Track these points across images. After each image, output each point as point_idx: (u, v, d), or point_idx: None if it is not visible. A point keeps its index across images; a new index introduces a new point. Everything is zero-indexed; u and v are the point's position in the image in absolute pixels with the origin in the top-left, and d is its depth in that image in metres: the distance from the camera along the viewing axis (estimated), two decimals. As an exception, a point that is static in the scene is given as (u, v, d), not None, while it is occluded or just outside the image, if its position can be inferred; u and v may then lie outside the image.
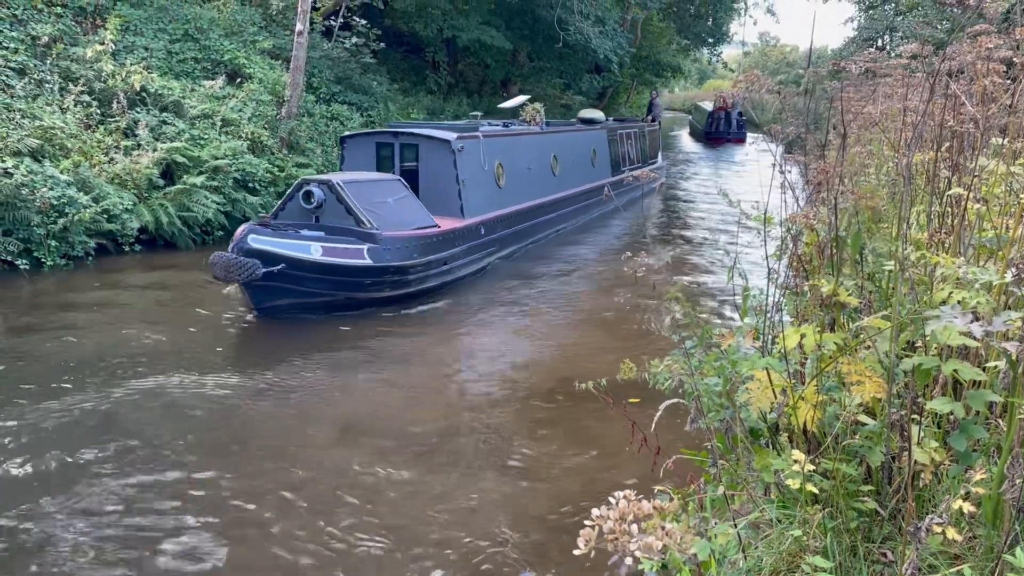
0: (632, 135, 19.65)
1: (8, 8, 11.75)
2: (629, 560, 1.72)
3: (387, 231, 8.71)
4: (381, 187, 9.33)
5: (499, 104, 16.80)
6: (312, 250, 8.19)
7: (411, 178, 10.46)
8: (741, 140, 35.64)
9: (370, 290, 8.66)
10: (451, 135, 10.60)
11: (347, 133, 11.71)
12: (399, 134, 10.86)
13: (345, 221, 8.66)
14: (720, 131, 36.41)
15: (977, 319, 2.19)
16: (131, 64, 12.81)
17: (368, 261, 8.44)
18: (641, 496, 1.81)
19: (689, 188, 21.82)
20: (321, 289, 8.39)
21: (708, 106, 40.88)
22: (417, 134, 10.71)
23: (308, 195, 8.64)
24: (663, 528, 1.75)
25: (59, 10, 12.80)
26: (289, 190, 9.03)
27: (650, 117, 24.31)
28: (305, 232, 8.43)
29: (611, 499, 1.82)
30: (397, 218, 9.07)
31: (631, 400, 6.11)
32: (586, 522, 1.76)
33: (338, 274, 8.35)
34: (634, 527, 1.68)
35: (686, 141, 40.99)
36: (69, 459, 5.19)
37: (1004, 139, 3.82)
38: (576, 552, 1.73)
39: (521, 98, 15.48)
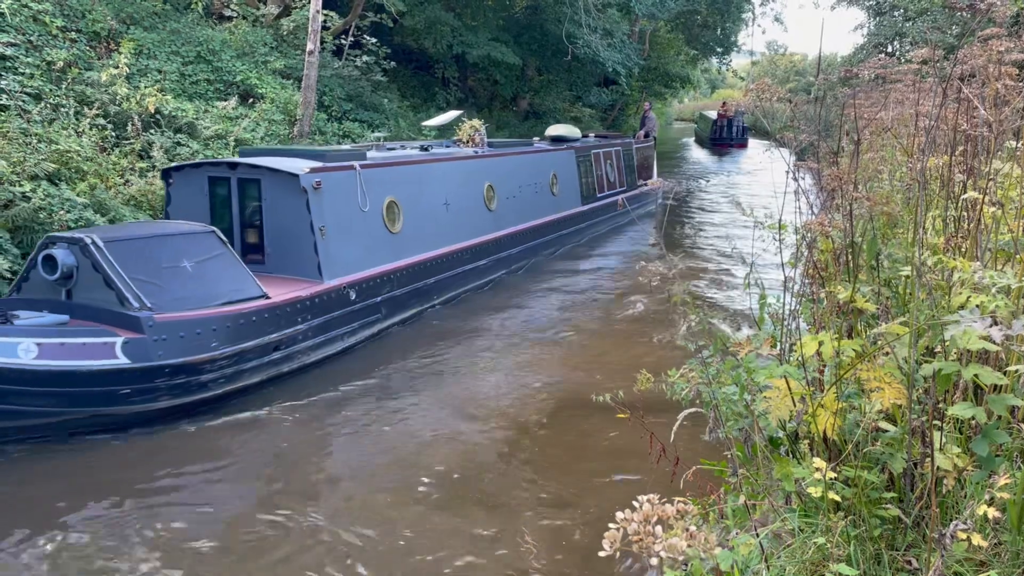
0: (614, 154, 17.20)
1: (23, 34, 11.92)
2: (655, 561, 1.72)
3: (165, 312, 6.32)
4: (172, 245, 6.77)
5: (426, 121, 14.73)
6: (20, 351, 5.72)
7: (255, 226, 8.19)
8: (743, 145, 38.08)
9: (132, 402, 6.17)
10: (302, 167, 8.02)
11: (172, 164, 9.15)
12: (236, 166, 8.31)
13: (103, 298, 6.29)
14: (723, 137, 38.92)
15: (996, 323, 2.18)
16: (145, 87, 12.95)
17: (122, 361, 6.04)
18: (664, 499, 1.81)
19: (701, 197, 21.77)
20: (44, 406, 5.91)
21: (712, 115, 42.93)
22: (258, 166, 8.11)
23: (50, 261, 6.31)
24: (688, 530, 1.75)
25: (73, 35, 12.98)
26: (34, 251, 6.62)
27: (642, 132, 21.28)
28: (25, 320, 6.07)
29: (635, 502, 1.82)
30: (193, 290, 6.68)
31: (620, 415, 6.12)
32: (611, 524, 1.76)
33: (67, 384, 5.90)
34: (658, 528, 1.68)
35: (694, 149, 41.87)
36: None
37: (1018, 142, 3.81)
38: (601, 554, 1.73)
39: (452, 113, 13.72)
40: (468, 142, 12.13)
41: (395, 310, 8.97)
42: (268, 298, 7.12)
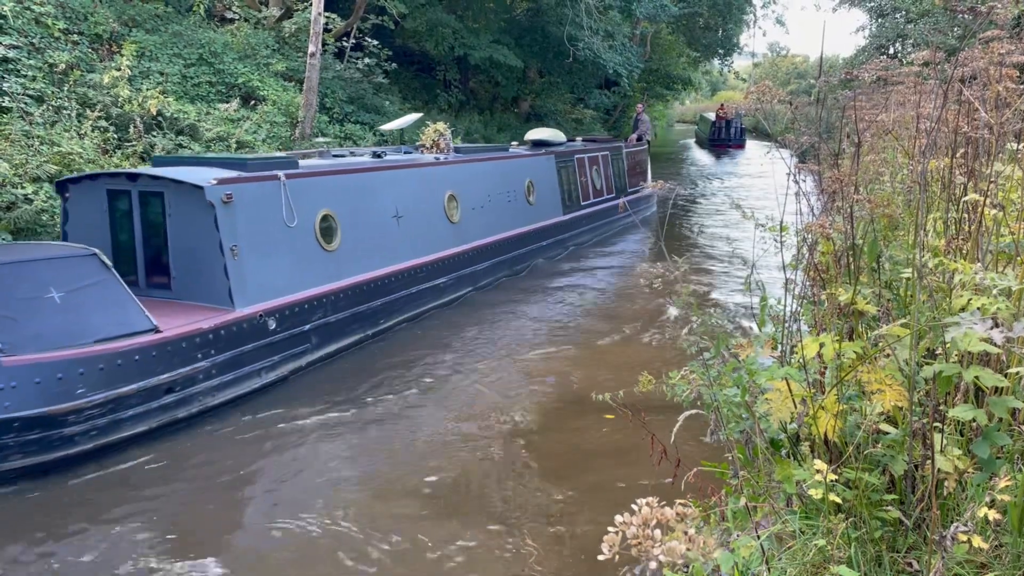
0: (601, 160, 16.05)
1: (26, 37, 11.95)
2: (653, 564, 1.72)
3: (17, 353, 5.38)
4: (34, 273, 5.76)
5: (381, 126, 13.49)
6: None
7: (160, 246, 7.19)
8: (740, 146, 39.76)
9: None
10: (209, 178, 7.00)
11: (69, 176, 8.12)
12: (137, 177, 7.24)
13: None
14: (722, 138, 40.52)
15: (997, 325, 2.18)
16: (147, 89, 12.98)
17: None
18: (664, 503, 1.81)
19: (700, 198, 21.76)
20: None
21: (712, 116, 44.55)
22: (160, 177, 7.09)
23: None
24: (686, 534, 1.75)
25: (75, 38, 13.00)
26: None
27: (635, 135, 20.12)
28: None
29: (634, 506, 1.82)
30: (60, 325, 5.71)
31: (607, 416, 6.11)
32: (609, 528, 1.76)
33: None
34: (657, 532, 1.69)
35: (695, 150, 42.62)
36: None
37: (1019, 144, 3.81)
38: (600, 557, 1.73)
39: (411, 116, 12.50)
40: (432, 147, 11.14)
41: (330, 338, 7.90)
42: (158, 332, 6.10)
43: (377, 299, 8.61)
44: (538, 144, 14.47)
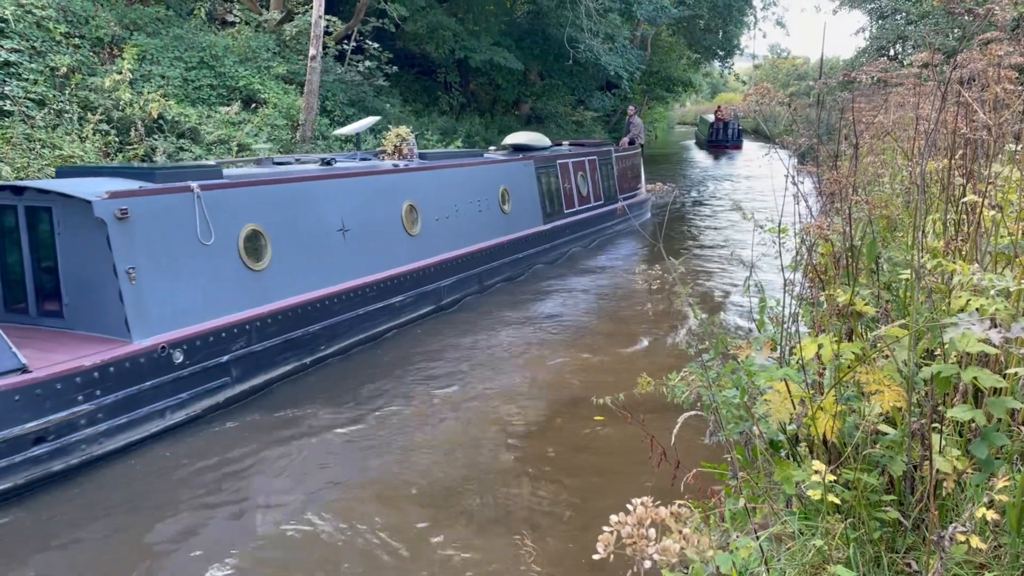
0: (588, 164, 15.14)
1: (27, 41, 11.97)
2: (648, 564, 1.73)
3: None
4: None
5: (337, 130, 12.48)
6: None
7: (49, 269, 6.36)
8: (738, 147, 41.22)
9: None
10: (101, 191, 6.11)
11: None
12: (23, 190, 6.40)
13: None
14: (719, 139, 41.96)
15: (995, 326, 2.19)
16: (148, 92, 13.00)
17: None
18: (658, 503, 1.82)
19: (700, 200, 21.76)
20: None
21: (711, 118, 45.83)
22: (48, 190, 6.25)
23: None
24: (681, 533, 1.76)
25: (77, 41, 13.03)
26: None
27: (626, 139, 19.15)
28: None
29: (628, 505, 1.83)
30: None
31: (597, 417, 6.10)
32: (605, 527, 1.77)
33: None
34: (651, 531, 1.69)
35: (694, 151, 43.58)
36: None
37: (1018, 145, 3.81)
38: (596, 556, 1.74)
39: (367, 120, 11.52)
40: (394, 153, 10.30)
41: (256, 370, 6.95)
42: (27, 372, 5.21)
43: (316, 323, 7.66)
44: (519, 149, 13.66)
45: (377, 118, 11.99)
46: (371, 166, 9.34)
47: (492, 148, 14.48)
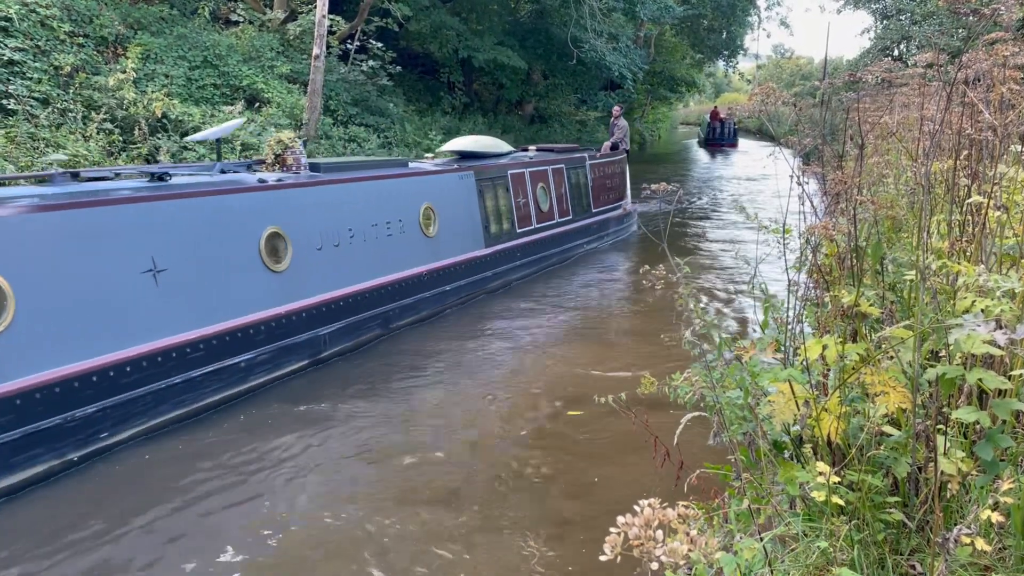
0: (553, 174, 12.86)
1: (31, 40, 11.99)
2: (655, 565, 1.72)
3: None
4: None
5: (191, 136, 10.26)
6: None
7: None
8: (734, 145, 43.89)
9: None
10: None
11: None
12: None
13: None
14: (716, 138, 44.51)
15: (1001, 327, 2.18)
16: (152, 91, 13.03)
17: None
18: (666, 504, 1.81)
19: (705, 201, 21.74)
20: None
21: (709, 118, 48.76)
22: None
23: None
24: (688, 535, 1.75)
25: (81, 40, 13.05)
26: None
27: (608, 143, 16.64)
28: None
29: (636, 507, 1.82)
30: None
31: (571, 412, 6.07)
32: (611, 529, 1.77)
33: None
34: (659, 533, 1.69)
35: (694, 150, 45.03)
36: None
37: (1023, 146, 3.80)
38: (602, 558, 1.73)
39: (232, 123, 9.40)
40: (277, 164, 8.42)
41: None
42: None
43: (90, 404, 5.69)
44: (466, 156, 11.67)
45: (241, 120, 9.84)
46: (224, 183, 7.23)
47: (428, 155, 12.47)
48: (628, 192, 16.11)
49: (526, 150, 14.11)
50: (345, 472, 5.62)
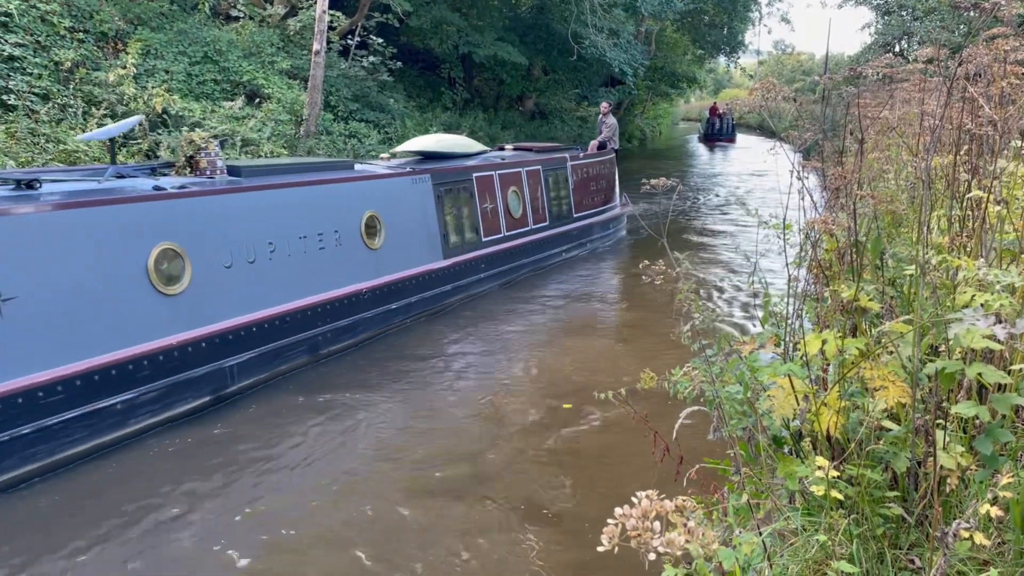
0: (527, 176, 11.84)
1: (32, 35, 11.98)
2: (652, 556, 1.73)
3: None
4: None
5: (81, 135, 9.53)
6: None
7: None
8: (731, 140, 44.87)
9: None
10: None
11: None
12: None
13: None
14: (714, 133, 45.42)
15: (1000, 321, 2.18)
16: (152, 87, 13.02)
17: None
18: (663, 496, 1.82)
19: (707, 194, 21.71)
20: None
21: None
22: None
23: None
24: (686, 526, 1.76)
25: (81, 36, 13.04)
26: None
27: (595, 142, 15.42)
28: None
29: (633, 498, 1.83)
30: None
31: (565, 406, 6.05)
32: (609, 520, 1.77)
33: None
34: (656, 524, 1.69)
35: (694, 145, 45.67)
36: None
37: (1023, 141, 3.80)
38: (600, 549, 1.73)
39: (128, 121, 8.10)
40: (191, 169, 7.52)
41: None
42: None
43: None
44: (431, 157, 10.65)
45: (140, 117, 8.57)
46: (106, 191, 6.30)
47: (384, 156, 11.23)
48: (617, 195, 15.17)
49: (502, 149, 13.24)
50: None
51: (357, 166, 9.38)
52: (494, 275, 10.79)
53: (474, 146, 11.59)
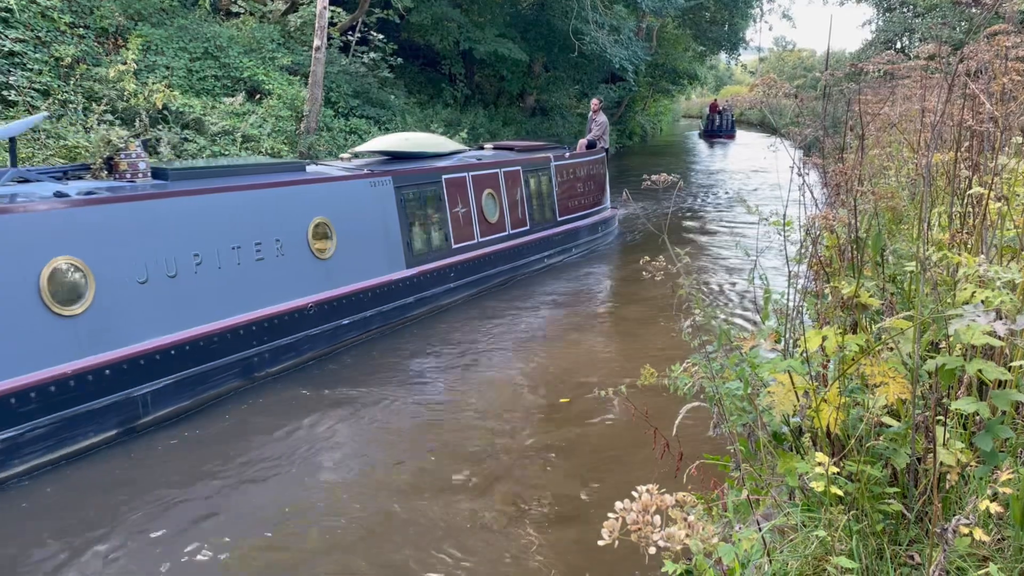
0: (505, 178, 11.05)
1: (32, 31, 11.97)
2: (652, 550, 1.73)
3: None
4: None
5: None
6: None
7: None
8: (731, 136, 45.25)
9: None
10: None
11: None
12: None
13: None
14: (714, 129, 45.85)
15: (1001, 318, 2.18)
16: (153, 83, 13.01)
17: None
18: (664, 490, 1.82)
19: (707, 192, 21.69)
20: None
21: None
22: None
23: None
24: (686, 520, 1.76)
25: (81, 31, 13.03)
26: None
27: (584, 140, 14.67)
28: None
29: (634, 492, 1.83)
30: None
31: (563, 400, 6.01)
32: (610, 514, 1.77)
33: None
34: (656, 518, 1.69)
35: (694, 141, 45.94)
36: None
37: (1025, 137, 3.80)
38: (600, 543, 1.74)
39: (32, 118, 7.30)
40: (110, 172, 6.89)
41: None
42: None
43: None
44: (399, 157, 9.98)
45: (44, 115, 7.67)
46: None
47: (345, 155, 10.45)
48: (608, 196, 14.53)
49: (481, 148, 12.54)
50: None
51: (310, 167, 8.79)
52: (465, 284, 10.01)
53: (447, 145, 10.93)
